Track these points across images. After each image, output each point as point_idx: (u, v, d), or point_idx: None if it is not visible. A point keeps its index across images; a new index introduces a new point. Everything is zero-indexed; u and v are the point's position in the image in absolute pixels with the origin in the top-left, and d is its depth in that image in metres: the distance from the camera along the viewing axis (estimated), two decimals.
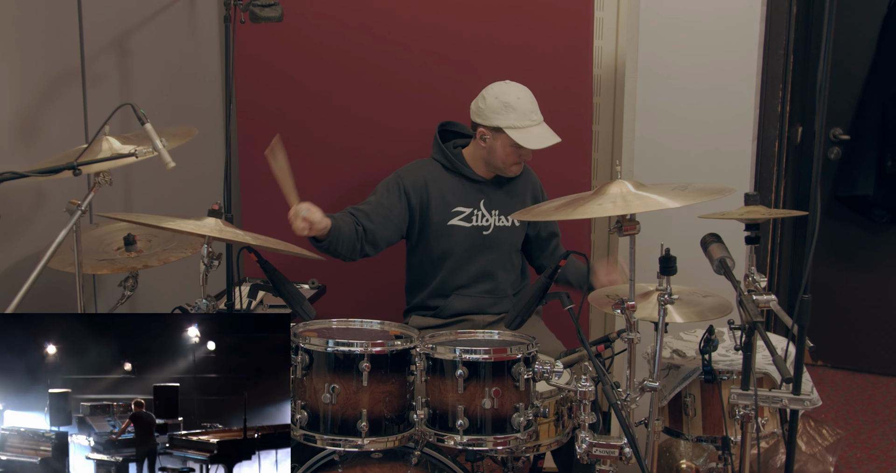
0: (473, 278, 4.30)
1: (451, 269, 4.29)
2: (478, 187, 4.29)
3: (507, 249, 4.35)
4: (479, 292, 4.30)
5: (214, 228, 3.31)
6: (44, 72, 3.93)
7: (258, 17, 4.25)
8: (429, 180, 4.26)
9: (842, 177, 6.14)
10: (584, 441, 3.15)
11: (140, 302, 4.41)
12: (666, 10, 4.76)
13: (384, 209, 4.17)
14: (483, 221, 4.27)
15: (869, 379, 6.26)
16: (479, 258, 4.29)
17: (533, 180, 4.44)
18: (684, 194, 3.13)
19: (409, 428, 3.21)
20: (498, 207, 4.29)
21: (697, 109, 4.78)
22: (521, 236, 4.41)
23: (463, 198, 4.27)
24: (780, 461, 4.32)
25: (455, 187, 4.27)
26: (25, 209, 3.86)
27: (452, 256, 4.27)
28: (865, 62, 6.02)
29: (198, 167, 4.77)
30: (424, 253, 4.31)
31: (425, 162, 4.34)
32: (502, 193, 4.32)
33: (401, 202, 4.21)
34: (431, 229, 4.25)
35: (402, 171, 4.30)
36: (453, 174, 4.29)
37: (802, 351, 3.28)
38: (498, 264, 4.33)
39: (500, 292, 4.33)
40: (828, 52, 3.10)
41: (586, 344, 3.16)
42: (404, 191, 4.22)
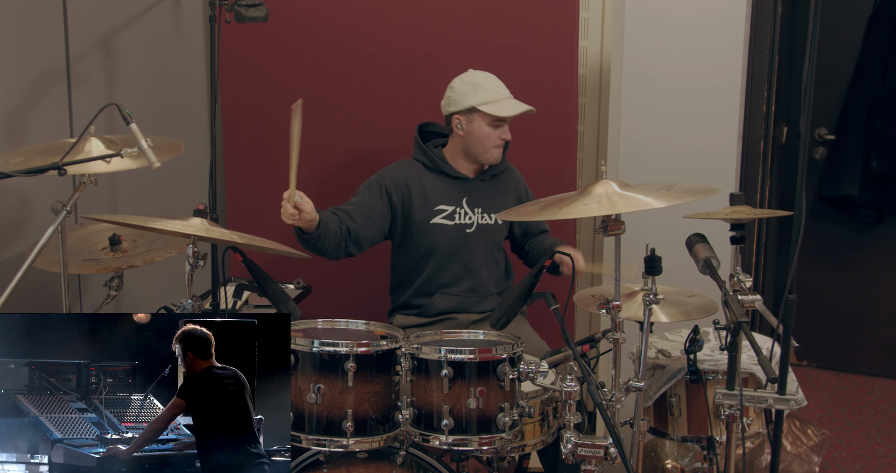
0: (457, 276, 4.30)
1: (434, 267, 4.29)
2: (460, 184, 4.29)
3: (490, 246, 4.35)
4: (462, 291, 4.30)
5: (200, 227, 3.30)
6: (29, 71, 3.92)
7: (243, 17, 4.25)
8: (410, 179, 4.26)
9: (827, 177, 6.16)
10: (569, 441, 3.15)
11: (125, 302, 4.40)
12: (651, 10, 4.77)
13: (366, 209, 4.17)
14: (466, 219, 4.28)
15: (854, 379, 6.28)
16: (463, 256, 4.29)
17: (517, 180, 4.44)
18: (669, 194, 3.13)
19: (395, 428, 3.21)
20: (481, 204, 4.29)
21: (682, 109, 4.79)
22: (504, 234, 4.41)
23: (445, 196, 4.27)
24: (765, 461, 4.33)
25: (437, 185, 4.28)
26: (10, 209, 3.85)
27: (436, 254, 4.27)
28: (851, 62, 6.03)
29: (183, 167, 4.77)
30: (408, 252, 4.31)
31: (407, 162, 4.35)
32: (486, 190, 4.33)
33: (382, 202, 4.21)
34: (414, 227, 4.25)
35: (383, 171, 4.30)
36: (435, 173, 4.29)
37: (787, 351, 3.28)
38: (481, 262, 4.33)
39: (484, 291, 4.33)
40: (813, 52, 3.11)
41: (571, 344, 3.16)
42: (385, 190, 4.22)
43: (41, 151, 3.46)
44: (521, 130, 4.41)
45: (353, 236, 4.10)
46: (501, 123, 4.18)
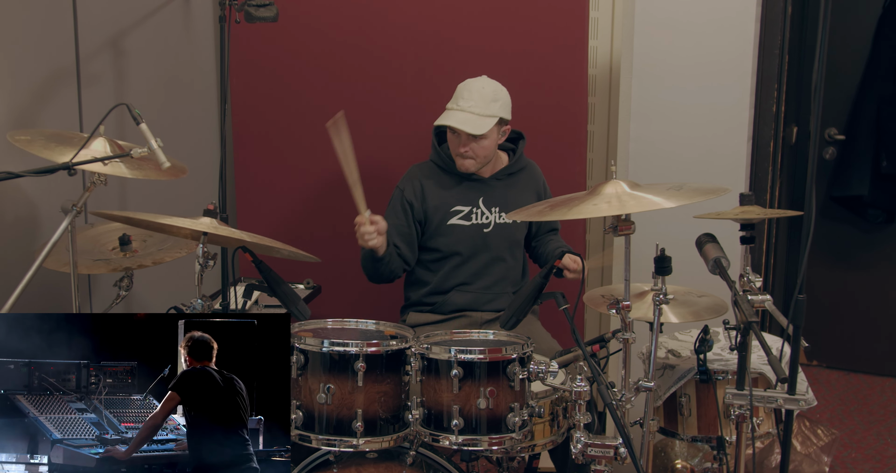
0: (474, 275, 4.31)
1: (452, 267, 4.31)
2: (476, 185, 4.30)
3: (508, 245, 4.36)
4: (479, 289, 4.31)
5: (210, 227, 3.30)
6: (39, 71, 3.93)
7: (253, 17, 4.24)
8: (425, 183, 4.28)
9: (837, 177, 6.15)
10: (579, 441, 3.15)
11: (135, 302, 4.41)
12: (661, 11, 4.76)
13: (405, 228, 4.29)
14: (483, 218, 4.28)
15: (864, 379, 6.27)
16: (481, 256, 4.30)
17: (536, 177, 4.45)
18: (679, 194, 3.13)
19: (405, 428, 3.21)
20: (498, 204, 4.29)
21: (692, 109, 4.78)
22: (523, 233, 4.42)
23: (461, 197, 4.28)
24: (775, 461, 4.33)
25: (452, 186, 4.29)
26: (20, 209, 3.86)
27: (454, 255, 4.28)
28: (860, 62, 6.02)
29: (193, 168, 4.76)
30: (426, 253, 4.32)
31: (422, 165, 4.37)
32: (502, 189, 4.33)
33: (408, 218, 4.28)
34: (432, 229, 4.28)
35: (401, 182, 4.36)
36: (450, 175, 4.30)
37: (797, 351, 3.28)
38: (500, 261, 4.34)
39: (500, 289, 4.33)
40: (823, 52, 3.10)
41: (581, 344, 3.16)
42: (408, 204, 4.28)
43: (49, 137, 3.45)
44: (531, 130, 4.41)
45: (404, 257, 4.27)
46: (455, 132, 4.19)
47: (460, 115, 4.14)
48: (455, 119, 4.13)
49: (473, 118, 4.12)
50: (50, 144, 3.37)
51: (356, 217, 3.92)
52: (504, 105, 4.20)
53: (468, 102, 4.15)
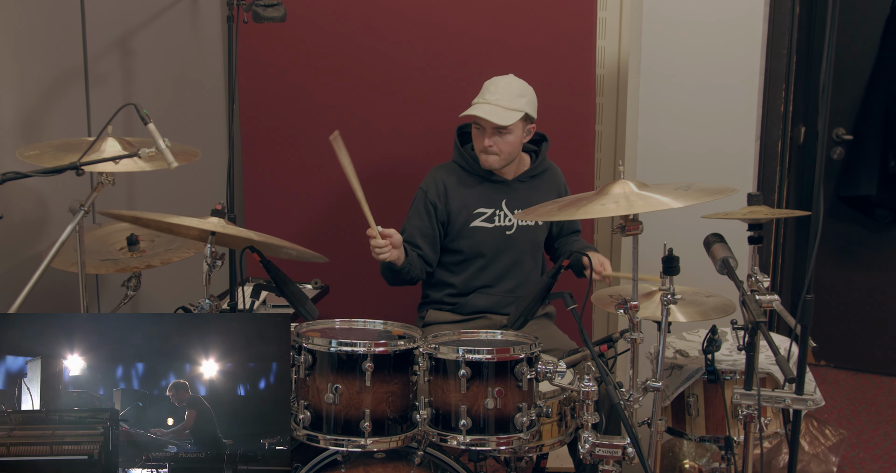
0: (497, 278, 4.32)
1: (475, 270, 4.31)
2: (499, 187, 4.30)
3: (530, 247, 4.36)
4: (501, 292, 4.31)
5: (218, 227, 3.30)
6: (46, 71, 3.93)
7: (261, 17, 4.25)
8: (448, 185, 4.28)
9: (845, 177, 6.14)
10: (587, 441, 3.15)
11: (142, 302, 4.41)
12: (669, 10, 4.76)
13: (428, 229, 4.28)
14: (506, 221, 4.28)
15: (872, 379, 6.26)
16: (504, 258, 4.31)
17: (558, 179, 4.45)
18: (687, 194, 3.12)
19: (412, 428, 3.21)
20: (520, 206, 4.29)
21: (700, 109, 4.78)
22: (545, 235, 4.43)
23: (484, 199, 4.28)
24: (783, 461, 4.33)
25: (475, 188, 4.28)
26: (29, 209, 3.86)
27: (477, 257, 4.29)
28: (868, 62, 6.01)
29: (200, 168, 4.76)
30: (448, 255, 4.33)
31: (445, 166, 4.36)
32: (525, 192, 4.33)
33: (431, 219, 4.28)
34: (455, 231, 4.28)
35: (423, 184, 4.35)
36: (473, 176, 4.30)
37: (805, 351, 3.28)
38: (522, 263, 4.35)
39: (521, 292, 4.32)
40: (831, 51, 3.10)
41: (589, 344, 3.16)
42: (432, 205, 4.27)
43: (58, 148, 3.46)
44: (539, 130, 4.41)
45: (427, 259, 4.26)
46: (480, 127, 4.18)
47: (486, 107, 4.13)
48: (481, 110, 4.12)
49: (499, 110, 4.12)
50: (59, 154, 3.38)
51: (367, 230, 3.92)
52: (530, 102, 4.20)
53: (494, 96, 4.15)
